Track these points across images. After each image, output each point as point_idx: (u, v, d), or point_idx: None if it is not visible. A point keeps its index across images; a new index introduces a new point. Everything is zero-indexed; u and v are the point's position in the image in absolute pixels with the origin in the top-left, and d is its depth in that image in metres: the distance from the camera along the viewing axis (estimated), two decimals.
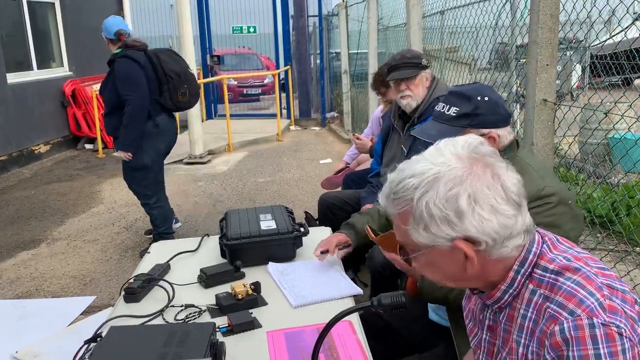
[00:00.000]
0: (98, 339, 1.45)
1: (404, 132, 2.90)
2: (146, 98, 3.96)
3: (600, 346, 0.92)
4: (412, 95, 2.79)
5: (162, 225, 4.46)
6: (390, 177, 1.09)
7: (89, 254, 4.57)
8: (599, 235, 3.97)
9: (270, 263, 2.08)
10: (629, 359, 0.92)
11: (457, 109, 1.81)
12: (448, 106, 1.84)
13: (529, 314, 1.03)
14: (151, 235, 4.57)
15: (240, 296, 1.76)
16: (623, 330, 0.93)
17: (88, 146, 9.18)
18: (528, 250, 1.06)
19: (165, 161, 7.82)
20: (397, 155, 2.97)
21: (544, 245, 1.07)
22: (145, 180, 4.28)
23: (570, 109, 2.86)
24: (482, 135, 1.79)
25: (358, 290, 1.89)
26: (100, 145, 8.66)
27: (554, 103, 2.62)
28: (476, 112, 1.80)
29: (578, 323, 0.93)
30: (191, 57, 7.60)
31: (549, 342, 0.96)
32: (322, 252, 2.05)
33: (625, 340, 0.92)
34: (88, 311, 3.56)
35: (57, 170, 7.89)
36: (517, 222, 1.02)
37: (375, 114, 4.24)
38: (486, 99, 1.81)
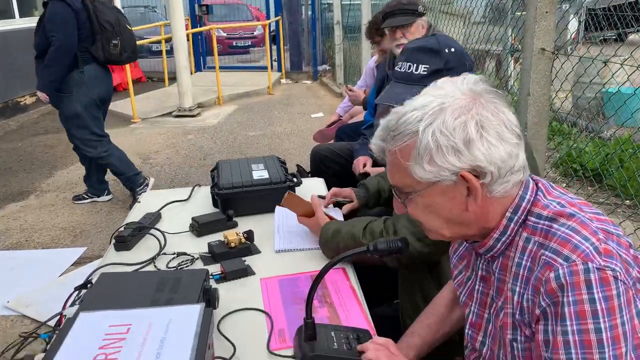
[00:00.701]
0: (89, 285, 1.43)
1: None
2: (72, 41, 3.88)
3: (595, 290, 0.91)
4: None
5: (125, 170, 4.40)
6: (384, 120, 1.05)
7: (79, 206, 4.53)
8: (589, 188, 3.99)
9: (278, 206, 2.07)
10: (623, 302, 0.91)
11: (427, 66, 1.71)
12: (415, 65, 1.73)
13: (524, 262, 1.02)
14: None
15: (233, 244, 1.74)
16: (618, 273, 0.92)
17: None
18: (521, 197, 1.04)
19: (154, 114, 7.83)
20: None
21: (538, 192, 1.06)
22: (83, 131, 4.18)
23: (569, 58, 2.81)
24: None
25: None
26: None
27: (552, 52, 2.56)
28: (448, 66, 1.70)
29: (573, 269, 0.92)
30: (179, 7, 7.38)
31: (544, 288, 0.95)
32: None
33: (619, 284, 0.91)
34: (79, 262, 3.55)
35: (43, 122, 7.75)
36: (519, 153, 1.00)
37: (368, 65, 4.15)
38: (452, 50, 1.73)
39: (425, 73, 1.71)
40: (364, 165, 2.96)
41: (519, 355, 1.05)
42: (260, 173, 2.14)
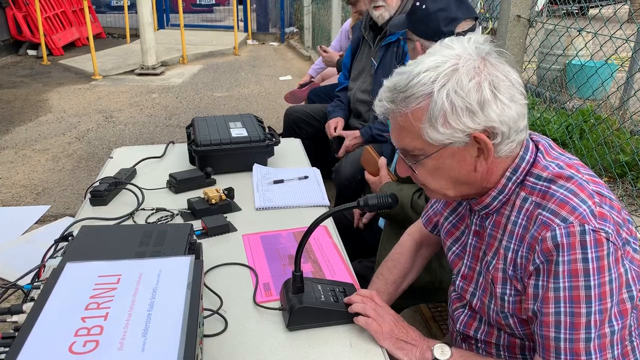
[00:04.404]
0: (69, 238, 1.40)
1: (375, 45, 2.82)
2: None
3: (589, 251, 0.95)
4: (385, 6, 2.67)
5: None
6: (390, 81, 1.04)
7: (40, 164, 4.39)
8: None
9: (255, 164, 2.07)
10: (612, 262, 0.97)
11: (418, 4, 1.82)
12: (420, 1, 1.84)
13: (520, 221, 1.06)
14: None
15: (213, 201, 1.73)
16: (610, 235, 0.97)
17: (31, 52, 8.60)
18: (521, 158, 1.07)
19: (116, 71, 7.58)
20: (367, 69, 2.90)
21: (538, 153, 1.08)
22: None
23: (537, 30, 2.85)
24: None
25: (326, 202, 1.90)
26: (44, 51, 8.13)
27: (528, 20, 2.60)
28: (411, 16, 1.82)
29: (570, 230, 0.96)
30: None
31: (539, 247, 0.99)
32: None
33: (610, 245, 0.96)
34: (42, 220, 3.46)
35: None
36: (526, 113, 1.03)
37: (344, 27, 4.10)
38: (423, 7, 1.78)
39: (409, 11, 1.85)
40: (335, 129, 2.95)
41: (509, 307, 1.10)
42: (238, 131, 2.12)
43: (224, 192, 1.77)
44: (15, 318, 1.01)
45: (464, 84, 0.97)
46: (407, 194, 1.71)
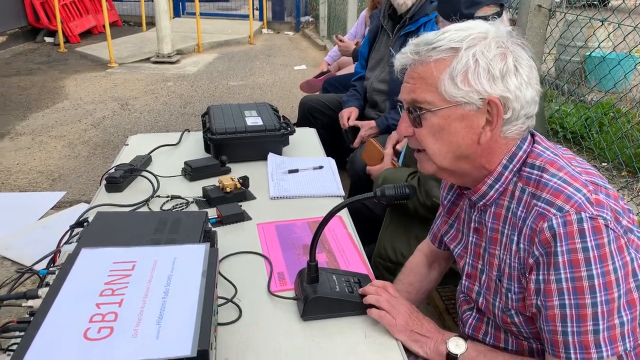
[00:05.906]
0: (85, 224, 1.40)
1: (394, 34, 2.78)
2: None
3: (588, 239, 0.93)
4: None
5: None
6: (419, 37, 1.05)
7: (56, 150, 4.42)
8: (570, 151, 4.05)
9: (270, 153, 2.06)
10: (614, 249, 0.94)
11: None
12: None
13: (519, 212, 1.04)
14: None
15: (228, 189, 1.72)
16: (609, 221, 0.94)
17: (48, 39, 8.65)
18: (518, 147, 1.06)
19: (132, 59, 7.60)
20: (385, 58, 2.87)
21: (535, 143, 1.08)
22: None
23: (565, 16, 2.79)
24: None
25: (341, 192, 1.88)
26: (61, 38, 8.17)
27: (549, 10, 2.55)
28: None
29: (567, 219, 0.94)
30: None
31: (537, 238, 0.97)
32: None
33: (610, 232, 0.94)
34: (58, 206, 3.49)
35: (15, 63, 7.45)
36: (538, 103, 1.04)
37: (362, 14, 4.05)
38: None
39: None
40: (349, 119, 2.93)
41: (512, 304, 1.08)
42: (253, 120, 2.11)
43: (238, 181, 1.76)
44: (30, 303, 1.02)
45: (491, 51, 0.99)
46: (402, 176, 1.81)
